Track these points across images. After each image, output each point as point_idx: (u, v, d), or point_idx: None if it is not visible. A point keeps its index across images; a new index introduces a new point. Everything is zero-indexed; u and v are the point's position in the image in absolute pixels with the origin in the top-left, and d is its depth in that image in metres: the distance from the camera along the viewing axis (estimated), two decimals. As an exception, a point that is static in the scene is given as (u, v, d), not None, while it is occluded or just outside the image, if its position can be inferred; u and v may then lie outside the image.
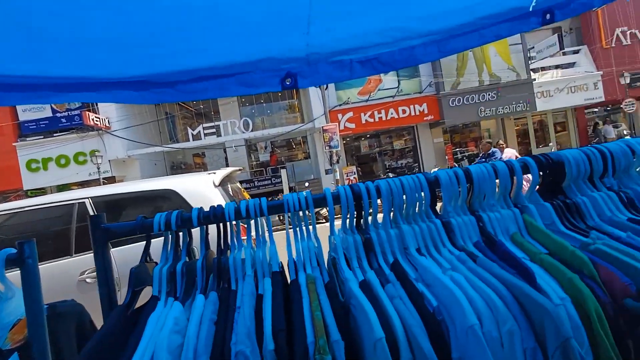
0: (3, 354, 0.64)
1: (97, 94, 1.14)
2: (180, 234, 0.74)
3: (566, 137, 15.41)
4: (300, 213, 0.71)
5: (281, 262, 0.69)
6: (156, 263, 0.72)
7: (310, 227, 0.72)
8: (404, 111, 13.11)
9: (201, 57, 1.11)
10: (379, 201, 0.72)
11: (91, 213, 3.16)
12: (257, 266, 0.66)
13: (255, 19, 1.07)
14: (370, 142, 15.42)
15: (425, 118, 13.20)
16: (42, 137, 12.94)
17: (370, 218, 0.74)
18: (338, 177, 12.15)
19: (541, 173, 0.77)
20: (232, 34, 1.07)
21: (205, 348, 0.49)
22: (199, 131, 14.61)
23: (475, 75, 12.74)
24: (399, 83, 13.28)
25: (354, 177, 13.22)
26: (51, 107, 13.17)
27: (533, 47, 13.18)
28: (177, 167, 17.79)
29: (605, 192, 0.77)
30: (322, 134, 12.40)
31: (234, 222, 0.73)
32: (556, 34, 13.24)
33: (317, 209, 0.72)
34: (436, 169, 1.09)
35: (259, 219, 0.71)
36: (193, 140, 14.57)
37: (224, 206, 0.69)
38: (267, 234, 0.71)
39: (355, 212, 0.73)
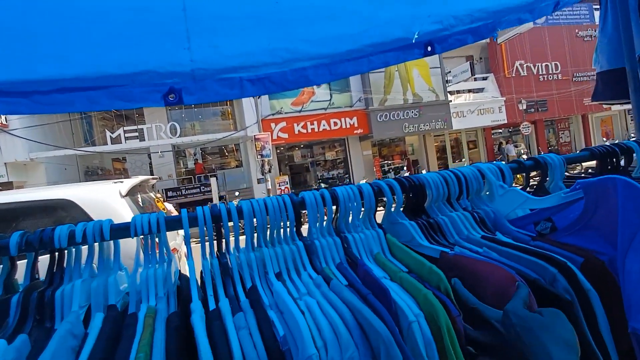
0: None
1: None
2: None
3: (477, 154, 17.23)
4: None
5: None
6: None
7: (165, 250, 0.66)
8: (335, 123, 13.52)
9: (61, 66, 0.98)
10: (241, 223, 0.69)
11: (-40, 227, 2.68)
12: (92, 298, 0.58)
13: (128, 28, 0.98)
14: (303, 152, 15.59)
15: (355, 131, 13.75)
16: None
17: (232, 241, 0.71)
18: (270, 187, 12.02)
19: (404, 195, 0.81)
20: (100, 42, 0.97)
21: None
22: (119, 134, 13.44)
23: (401, 94, 13.67)
24: (331, 96, 13.69)
25: (286, 187, 13.21)
26: None
27: (450, 72, 14.56)
28: (93, 173, 16.11)
29: (461, 212, 0.83)
30: (254, 142, 12.21)
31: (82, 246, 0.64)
32: (468, 62, 14.79)
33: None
34: (364, 181, 1.10)
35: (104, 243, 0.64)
36: (112, 143, 13.34)
37: (54, 229, 0.60)
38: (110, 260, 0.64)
39: (215, 235, 0.69)
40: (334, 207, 0.76)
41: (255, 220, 0.69)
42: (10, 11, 0.82)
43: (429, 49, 1.23)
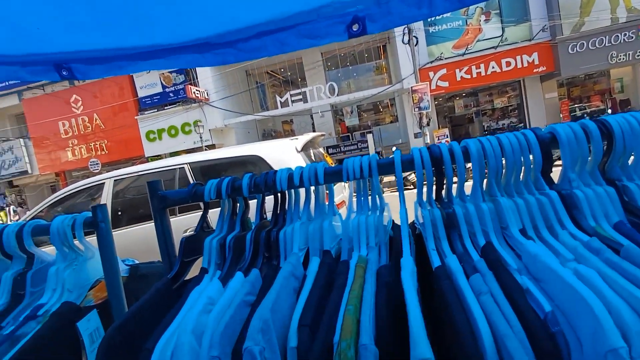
0: (82, 311, 0.67)
1: (166, 60, 1.13)
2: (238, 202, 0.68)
3: None
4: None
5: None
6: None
7: (378, 197, 0.59)
8: (508, 64, 11.42)
9: (258, 12, 1.01)
10: (469, 165, 0.54)
11: (189, 177, 3.49)
12: (310, 242, 0.56)
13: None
14: (466, 102, 13.99)
15: (535, 70, 11.31)
16: (156, 110, 14.74)
17: (455, 188, 0.57)
18: (428, 141, 11.42)
19: None
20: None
21: (225, 334, 0.42)
22: (287, 98, 15.01)
23: (607, 12, 10.30)
24: (503, 31, 11.50)
25: (446, 141, 12.25)
26: (161, 82, 14.76)
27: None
28: (268, 135, 18.75)
29: None
30: (410, 95, 11.64)
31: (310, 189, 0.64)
32: None
33: (406, 174, 0.58)
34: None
35: (320, 187, 0.61)
36: (281, 107, 15.07)
37: (276, 172, 0.60)
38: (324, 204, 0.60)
39: (436, 181, 0.57)
40: (605, 145, 0.52)
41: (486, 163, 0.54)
42: None
43: None
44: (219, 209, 0.69)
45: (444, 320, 0.43)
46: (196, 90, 13.95)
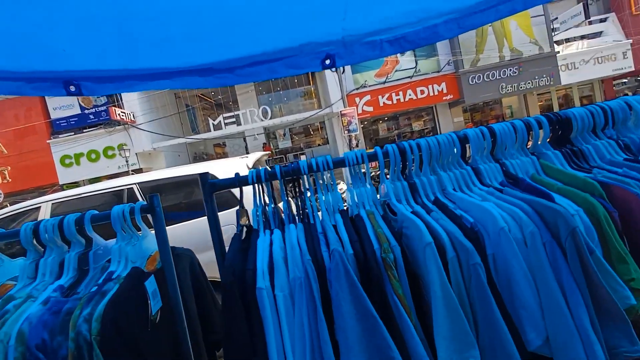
0: (145, 275, 0.87)
1: (171, 81, 1.36)
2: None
3: (593, 111, 14.89)
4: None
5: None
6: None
7: (365, 176, 0.92)
8: (422, 91, 13.02)
9: (255, 45, 1.31)
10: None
11: (139, 197, 3.47)
12: (328, 207, 0.86)
13: (300, 12, 1.25)
14: (389, 125, 15.41)
15: (444, 97, 13.07)
16: (73, 133, 13.52)
17: (412, 168, 0.93)
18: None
19: (551, 128, 0.94)
20: (282, 25, 1.26)
21: (306, 252, 0.70)
22: (220, 121, 14.96)
23: (496, 51, 12.45)
24: (416, 63, 13.14)
25: (374, 160, 13.31)
26: (79, 104, 13.64)
27: (557, 18, 12.71)
28: (200, 158, 18.24)
29: (605, 140, 0.93)
30: (340, 118, 12.50)
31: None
32: (581, 3, 12.67)
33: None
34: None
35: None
36: (214, 130, 14.93)
37: (299, 163, 0.90)
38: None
39: (402, 165, 0.92)
40: (492, 140, 0.92)
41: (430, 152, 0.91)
42: (231, 13, 1.14)
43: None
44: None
45: (415, 235, 0.77)
46: (121, 112, 13.21)
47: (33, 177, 13.41)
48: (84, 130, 13.49)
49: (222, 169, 3.57)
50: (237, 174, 0.93)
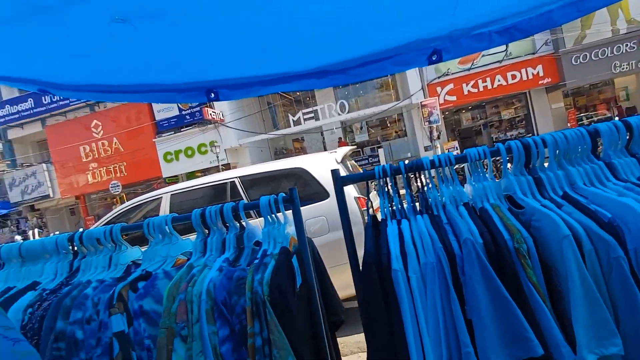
0: (290, 253, 1.05)
1: (290, 85, 1.53)
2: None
3: None
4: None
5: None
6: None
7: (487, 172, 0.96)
8: (513, 76, 11.90)
9: (366, 47, 1.41)
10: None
11: (240, 190, 3.87)
12: (451, 200, 0.94)
13: (410, 12, 1.32)
14: (473, 114, 14.45)
15: (540, 82, 11.78)
16: (173, 132, 15.25)
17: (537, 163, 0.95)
18: (439, 154, 11.79)
19: None
20: (392, 26, 1.34)
21: (437, 240, 0.79)
22: (299, 117, 15.61)
23: (607, 25, 10.80)
24: (507, 46, 12.04)
25: (456, 152, 12.63)
26: (177, 106, 15.24)
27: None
28: (280, 153, 19.25)
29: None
30: (420, 109, 12.11)
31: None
32: None
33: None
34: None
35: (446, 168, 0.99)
36: (294, 125, 15.63)
37: (422, 158, 0.98)
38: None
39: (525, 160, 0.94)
40: (628, 135, 0.89)
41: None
42: (348, 19, 1.25)
43: None
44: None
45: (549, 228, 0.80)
46: (212, 112, 14.56)
47: (142, 171, 15.52)
48: (182, 130, 15.15)
49: (313, 163, 3.76)
50: (364, 170, 1.05)
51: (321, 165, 3.71)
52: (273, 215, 1.12)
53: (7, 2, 0.94)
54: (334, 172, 1.03)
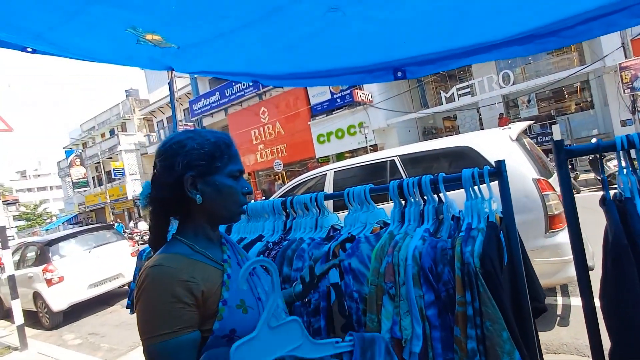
0: (498, 228, 1.00)
1: (489, 54, 1.41)
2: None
3: None
4: None
5: None
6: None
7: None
8: None
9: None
10: None
11: (399, 168, 3.87)
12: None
13: None
14: None
15: None
16: (325, 115, 16.33)
17: None
18: (646, 129, 9.14)
19: None
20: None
21: None
22: (452, 93, 14.46)
23: None
24: None
25: (675, 127, 9.51)
26: (330, 90, 16.14)
27: None
28: (429, 132, 18.37)
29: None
30: (618, 73, 9.55)
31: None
32: None
33: None
34: None
35: None
36: (446, 103, 14.59)
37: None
38: None
39: None
40: None
41: None
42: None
43: None
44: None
45: None
46: (362, 93, 14.94)
47: (299, 152, 17.29)
48: (333, 112, 16.09)
49: (482, 141, 3.41)
50: (599, 141, 0.89)
51: (492, 143, 3.35)
52: (476, 188, 1.09)
53: (250, 7, 1.16)
54: (557, 143, 0.91)
